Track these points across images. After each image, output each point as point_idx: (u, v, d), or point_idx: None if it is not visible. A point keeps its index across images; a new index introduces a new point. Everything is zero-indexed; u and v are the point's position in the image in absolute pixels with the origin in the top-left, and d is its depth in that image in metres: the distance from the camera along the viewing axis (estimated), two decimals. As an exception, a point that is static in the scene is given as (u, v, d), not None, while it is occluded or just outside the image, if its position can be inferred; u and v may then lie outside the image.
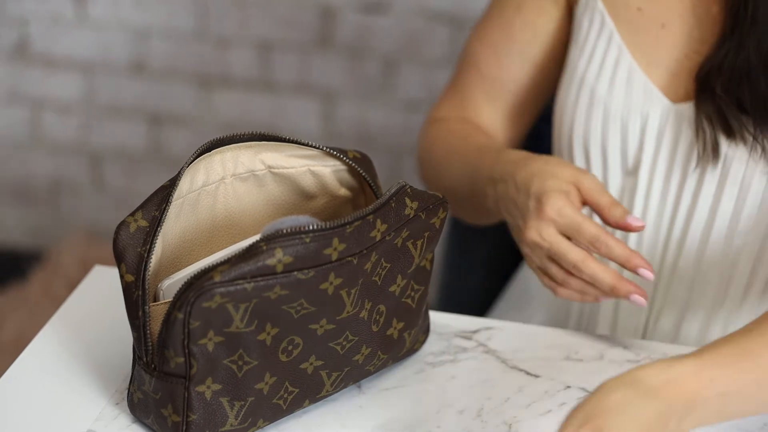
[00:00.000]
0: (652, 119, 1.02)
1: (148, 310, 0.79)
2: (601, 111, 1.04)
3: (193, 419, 0.79)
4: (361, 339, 0.84)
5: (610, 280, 0.90)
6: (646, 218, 1.05)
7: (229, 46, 2.22)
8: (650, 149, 1.03)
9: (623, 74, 1.03)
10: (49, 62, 2.30)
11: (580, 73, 1.05)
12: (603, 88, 1.03)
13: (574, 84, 1.05)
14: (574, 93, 1.05)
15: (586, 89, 1.04)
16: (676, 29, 1.02)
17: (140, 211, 0.81)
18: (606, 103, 1.03)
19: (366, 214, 0.80)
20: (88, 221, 2.43)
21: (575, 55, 1.06)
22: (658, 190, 1.04)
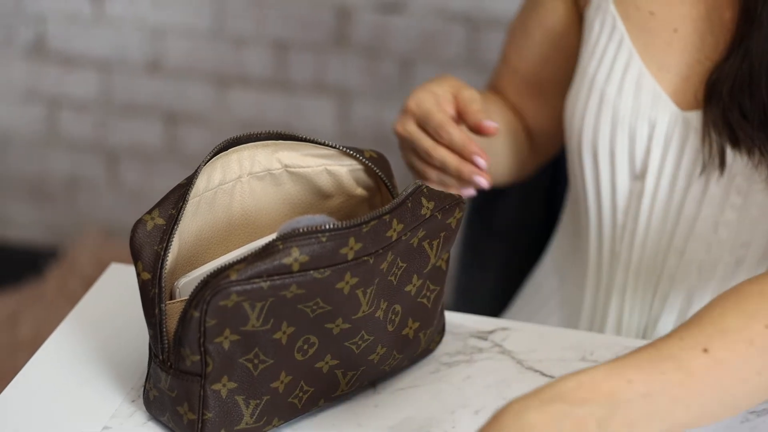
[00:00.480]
0: (659, 126, 1.02)
1: (165, 308, 0.79)
2: (609, 114, 1.04)
3: (209, 417, 0.79)
4: (377, 338, 0.84)
5: (456, 164, 0.96)
6: (651, 223, 1.05)
7: (245, 46, 2.22)
8: (657, 156, 1.03)
9: (632, 78, 1.03)
10: (66, 60, 2.31)
11: (590, 75, 1.05)
12: (612, 90, 1.03)
13: (584, 85, 1.05)
14: (584, 94, 1.05)
15: (596, 91, 1.04)
16: (688, 34, 1.01)
17: (157, 209, 0.81)
18: (615, 106, 1.03)
19: (382, 214, 0.80)
20: (104, 219, 2.43)
21: (586, 57, 1.06)
22: (664, 196, 1.04)
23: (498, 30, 2.09)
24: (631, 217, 1.06)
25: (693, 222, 1.03)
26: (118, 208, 2.43)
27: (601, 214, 1.08)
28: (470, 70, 2.13)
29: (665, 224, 1.04)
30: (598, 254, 1.10)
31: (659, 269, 1.06)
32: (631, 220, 1.06)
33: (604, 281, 1.10)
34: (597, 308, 1.12)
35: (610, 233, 1.08)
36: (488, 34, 2.10)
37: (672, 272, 1.05)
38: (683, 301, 1.06)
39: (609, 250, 1.09)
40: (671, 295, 1.06)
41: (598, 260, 1.10)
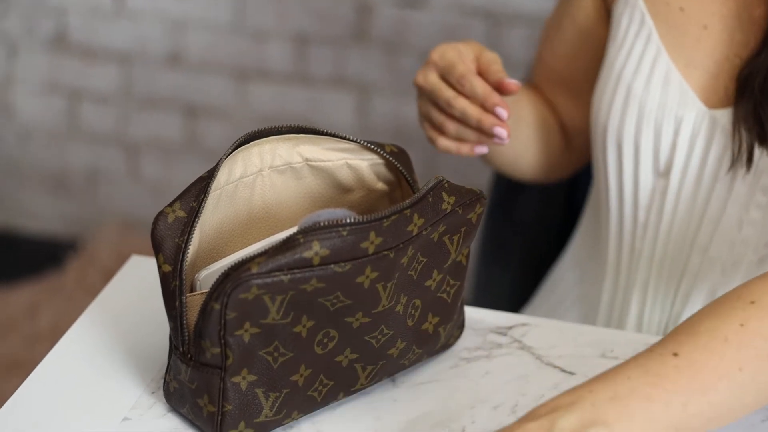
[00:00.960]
0: (686, 123, 1.02)
1: (185, 300, 0.79)
2: (636, 108, 1.03)
3: (229, 409, 0.79)
4: (396, 333, 0.84)
5: (477, 114, 0.96)
6: (675, 221, 1.04)
7: (265, 39, 2.22)
8: (682, 153, 1.02)
9: (660, 75, 1.02)
10: (87, 53, 2.32)
11: (617, 69, 1.05)
12: (639, 85, 1.03)
13: (611, 80, 1.05)
14: (610, 89, 1.05)
15: (622, 85, 1.04)
16: (718, 31, 1.01)
17: (178, 201, 0.81)
18: (641, 101, 1.03)
19: (403, 208, 0.79)
20: (124, 211, 2.44)
21: (613, 51, 1.06)
22: (688, 194, 1.03)
23: (518, 25, 2.09)
24: (654, 214, 1.06)
25: (717, 220, 1.02)
26: (138, 200, 2.43)
27: (623, 210, 1.08)
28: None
29: (689, 222, 1.04)
30: (617, 251, 1.10)
31: (682, 267, 1.05)
32: (654, 216, 1.06)
33: (623, 278, 1.10)
34: (615, 304, 1.12)
35: (631, 230, 1.08)
36: (509, 30, 2.10)
37: (695, 270, 1.05)
38: (705, 298, 1.05)
39: (629, 247, 1.08)
40: (693, 293, 1.05)
41: (618, 257, 1.10)
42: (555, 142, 1.16)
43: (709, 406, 0.73)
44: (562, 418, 0.70)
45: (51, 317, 2.19)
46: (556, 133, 1.17)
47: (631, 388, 0.72)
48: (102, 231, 2.40)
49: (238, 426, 0.79)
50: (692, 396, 0.73)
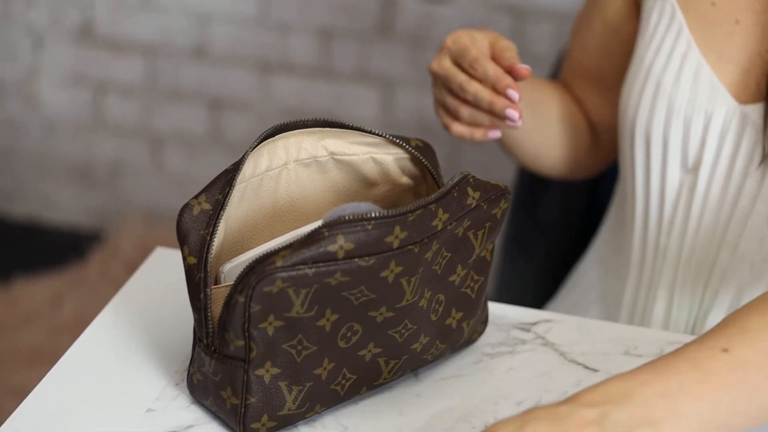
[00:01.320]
0: (716, 118, 1.01)
1: (210, 292, 0.79)
2: (665, 103, 1.03)
3: (252, 402, 0.79)
4: (420, 328, 0.84)
5: (489, 96, 0.97)
6: (703, 218, 1.04)
7: (289, 33, 2.23)
8: (712, 149, 1.02)
9: (690, 70, 1.02)
10: (112, 45, 2.32)
11: (647, 63, 1.04)
12: (669, 80, 1.02)
13: (640, 74, 1.05)
14: (639, 83, 1.05)
15: (652, 80, 1.03)
16: (750, 26, 1.00)
17: (204, 194, 0.81)
18: (671, 96, 1.02)
19: (428, 203, 0.79)
20: (147, 204, 2.45)
21: (643, 45, 1.05)
22: (717, 190, 1.03)
23: (544, 21, 2.08)
24: (681, 210, 1.05)
25: (747, 217, 1.02)
26: (161, 193, 2.44)
27: (648, 205, 1.07)
28: (515, 61, 2.12)
29: (718, 218, 1.03)
30: (642, 247, 1.09)
31: (710, 264, 1.05)
32: (681, 213, 1.05)
33: (647, 275, 1.09)
34: (638, 302, 1.11)
35: (656, 226, 1.07)
36: (534, 25, 2.09)
37: (723, 267, 1.04)
38: (733, 296, 1.05)
39: (654, 244, 1.08)
40: (721, 291, 1.05)
41: (642, 253, 1.09)
42: (582, 139, 1.16)
43: (755, 406, 0.73)
44: (615, 412, 0.70)
45: (74, 308, 2.20)
46: (584, 131, 1.16)
47: (681, 383, 0.72)
48: (125, 223, 2.41)
49: (261, 419, 0.80)
50: (740, 395, 0.73)
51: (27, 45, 2.37)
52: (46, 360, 2.04)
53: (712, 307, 1.06)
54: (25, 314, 2.18)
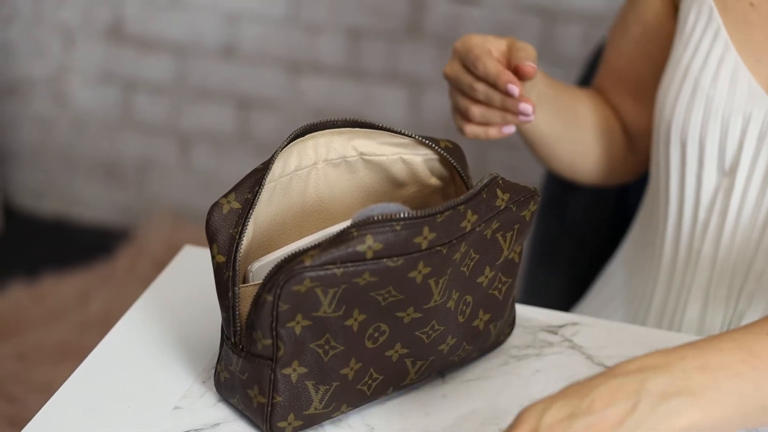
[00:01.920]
0: (754, 121, 1.00)
1: (238, 291, 0.79)
2: (702, 104, 1.02)
3: (279, 401, 0.79)
4: (447, 329, 0.84)
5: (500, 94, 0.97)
6: (740, 222, 1.03)
7: (319, 33, 2.23)
8: (750, 151, 1.01)
9: (728, 71, 1.01)
10: (142, 44, 2.33)
11: (684, 64, 1.03)
12: (707, 81, 1.02)
13: (677, 75, 1.04)
14: (676, 84, 1.04)
15: (689, 80, 1.03)
16: None
17: (233, 193, 0.82)
18: (709, 96, 1.01)
19: (457, 204, 0.79)
20: (175, 202, 2.46)
21: (680, 47, 1.04)
22: (754, 194, 1.02)
23: (574, 22, 2.07)
24: (717, 214, 1.04)
25: None
26: (189, 191, 2.45)
27: (683, 209, 1.06)
28: (545, 63, 2.11)
29: (755, 222, 1.02)
30: (674, 251, 1.08)
31: (746, 268, 1.04)
32: (717, 216, 1.04)
33: (678, 279, 1.08)
34: (668, 306, 1.10)
35: (690, 229, 1.06)
36: (564, 27, 2.09)
37: (760, 271, 1.03)
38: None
39: (687, 247, 1.07)
40: (757, 295, 1.04)
41: (674, 257, 1.09)
42: (617, 146, 1.15)
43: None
44: (651, 380, 0.69)
45: (101, 305, 2.21)
46: (619, 138, 1.15)
47: (722, 361, 0.71)
48: (153, 221, 2.42)
49: (288, 418, 0.80)
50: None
51: (57, 43, 2.38)
52: (72, 356, 2.05)
53: (747, 311, 1.05)
54: (53, 311, 2.19)
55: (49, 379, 1.99)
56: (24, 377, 2.01)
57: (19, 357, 2.06)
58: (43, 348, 2.09)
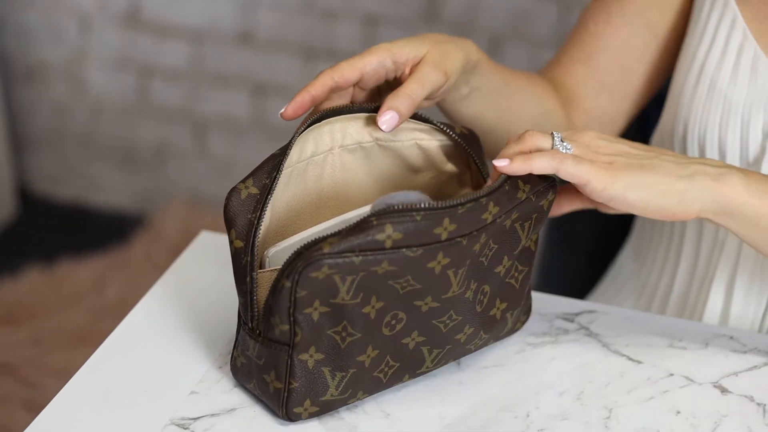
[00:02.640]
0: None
1: (256, 276, 0.79)
2: (720, 103, 1.00)
3: (295, 387, 0.79)
4: (465, 319, 0.83)
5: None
6: None
7: (335, 19, 2.22)
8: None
9: (747, 62, 0.99)
10: (159, 29, 2.33)
11: (699, 61, 1.01)
12: (724, 78, 1.00)
13: (693, 72, 1.02)
14: (692, 81, 1.02)
15: (705, 78, 1.01)
16: None
17: (251, 178, 0.81)
18: (727, 95, 1.00)
19: (479, 197, 0.79)
20: (191, 188, 2.46)
21: (694, 41, 1.02)
22: None
23: (591, 10, 2.06)
24: None
25: None
26: (205, 177, 2.45)
27: None
28: (561, 50, 2.10)
29: None
30: (696, 242, 1.07)
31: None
32: None
33: (701, 269, 1.07)
34: (690, 296, 1.09)
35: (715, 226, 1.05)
36: (580, 14, 2.08)
37: None
38: None
39: (711, 239, 1.05)
40: None
41: (696, 248, 1.07)
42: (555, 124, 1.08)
43: None
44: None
45: (117, 291, 2.21)
46: (558, 117, 1.07)
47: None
48: (168, 207, 2.42)
49: (304, 403, 0.80)
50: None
51: (74, 29, 2.39)
52: (88, 342, 2.06)
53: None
54: (69, 296, 2.20)
55: (65, 365, 2.00)
56: (40, 362, 2.02)
57: (35, 342, 2.07)
58: (59, 333, 2.10)
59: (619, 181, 0.82)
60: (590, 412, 0.84)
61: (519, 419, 0.83)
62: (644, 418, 0.84)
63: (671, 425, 0.83)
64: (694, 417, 0.84)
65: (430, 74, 0.88)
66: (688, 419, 0.84)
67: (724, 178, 0.83)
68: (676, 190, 0.82)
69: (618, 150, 0.85)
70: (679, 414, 0.84)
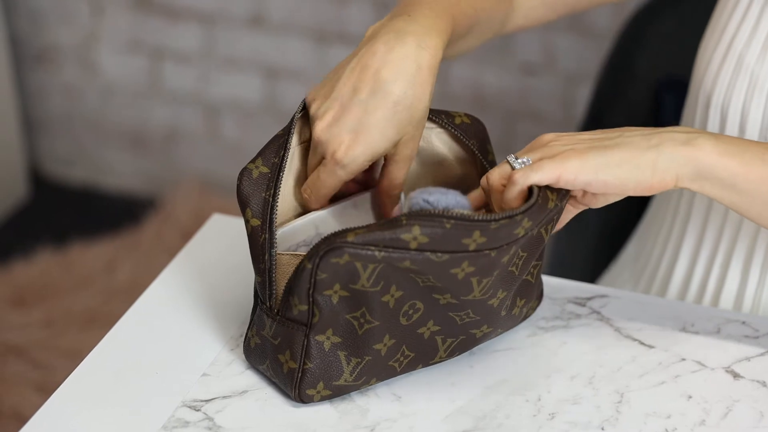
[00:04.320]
0: None
1: (275, 253, 0.79)
2: (747, 79, 0.99)
3: (309, 367, 0.79)
4: (484, 320, 0.82)
5: None
6: None
7: (346, 2, 2.22)
8: None
9: None
10: (170, 13, 2.33)
11: (729, 36, 1.00)
12: (753, 55, 0.99)
13: (721, 46, 1.01)
14: (719, 56, 1.01)
15: (732, 54, 1.00)
16: None
17: (260, 158, 0.82)
18: (754, 71, 0.99)
19: (515, 214, 0.76)
20: (201, 171, 2.46)
21: (724, 16, 1.01)
22: None
23: None
24: None
25: None
26: (216, 160, 2.45)
27: None
28: (575, 36, 2.10)
29: None
30: (703, 223, 1.07)
31: None
32: None
33: (708, 250, 1.06)
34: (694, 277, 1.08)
35: None
36: None
37: None
38: None
39: (721, 218, 1.05)
40: None
41: (702, 228, 1.07)
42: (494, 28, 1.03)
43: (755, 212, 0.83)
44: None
45: (128, 273, 2.22)
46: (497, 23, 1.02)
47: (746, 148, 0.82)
48: (179, 190, 2.42)
49: (317, 386, 0.80)
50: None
51: (86, 11, 2.38)
52: (99, 324, 2.07)
53: None
54: (81, 278, 2.21)
55: (77, 346, 2.01)
56: (51, 344, 2.03)
57: (47, 324, 2.08)
58: (70, 315, 2.10)
59: (587, 164, 0.79)
60: (601, 396, 0.84)
61: (530, 403, 0.83)
62: (656, 402, 0.84)
63: (683, 410, 0.83)
64: (706, 402, 0.84)
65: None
66: (700, 404, 0.84)
67: (693, 141, 0.81)
68: (647, 162, 0.81)
69: (578, 139, 0.83)
70: (691, 399, 0.84)
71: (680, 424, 0.82)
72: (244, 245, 0.85)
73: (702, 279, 1.08)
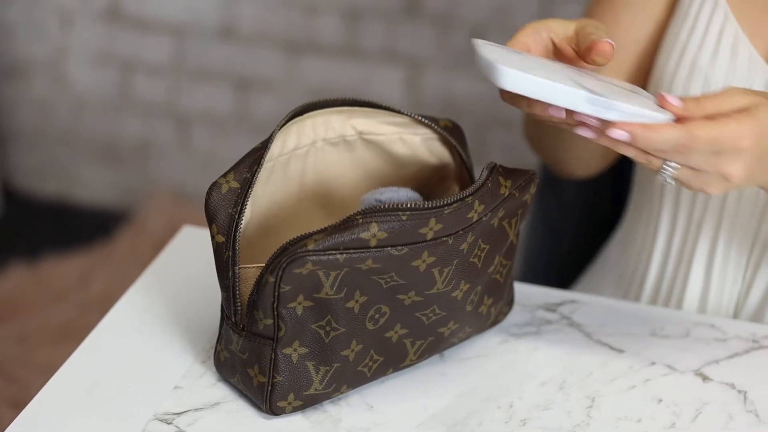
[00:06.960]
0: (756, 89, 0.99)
1: (238, 270, 0.79)
2: (701, 81, 1.01)
3: (279, 381, 0.79)
4: (450, 315, 0.83)
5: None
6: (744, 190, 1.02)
7: (316, 13, 2.22)
8: None
9: (727, 43, 1.00)
10: (140, 24, 2.33)
11: (682, 41, 1.02)
12: (705, 57, 1.01)
13: (674, 52, 1.03)
14: (673, 62, 1.03)
15: (686, 58, 1.02)
16: None
17: (232, 172, 0.81)
18: (707, 75, 1.01)
19: (465, 196, 0.79)
20: (174, 183, 2.46)
21: (677, 22, 1.03)
22: None
23: (572, 2, 2.07)
24: None
25: None
26: (188, 172, 2.45)
27: None
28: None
29: (759, 191, 1.02)
30: (671, 223, 1.07)
31: (752, 236, 1.03)
32: None
33: (676, 251, 1.07)
34: (664, 280, 1.09)
35: (690, 200, 1.05)
36: (562, 6, 2.08)
37: (765, 241, 1.03)
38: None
39: (686, 218, 1.06)
40: (763, 263, 1.03)
41: (671, 229, 1.08)
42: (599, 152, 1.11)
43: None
44: None
45: (102, 286, 2.21)
46: None
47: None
48: (152, 202, 2.42)
49: (287, 397, 0.80)
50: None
51: (55, 24, 2.38)
52: (73, 338, 2.06)
53: (755, 281, 1.04)
54: (54, 292, 2.20)
55: (50, 361, 1.99)
56: (25, 359, 2.02)
57: (20, 338, 2.07)
58: (44, 329, 2.09)
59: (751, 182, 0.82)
60: (573, 402, 0.84)
61: (502, 409, 0.84)
62: (626, 406, 0.84)
63: (653, 413, 0.84)
64: (676, 405, 0.85)
65: None
66: (670, 407, 0.84)
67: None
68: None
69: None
70: (661, 402, 0.85)
71: (651, 428, 0.82)
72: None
73: (670, 282, 1.09)
